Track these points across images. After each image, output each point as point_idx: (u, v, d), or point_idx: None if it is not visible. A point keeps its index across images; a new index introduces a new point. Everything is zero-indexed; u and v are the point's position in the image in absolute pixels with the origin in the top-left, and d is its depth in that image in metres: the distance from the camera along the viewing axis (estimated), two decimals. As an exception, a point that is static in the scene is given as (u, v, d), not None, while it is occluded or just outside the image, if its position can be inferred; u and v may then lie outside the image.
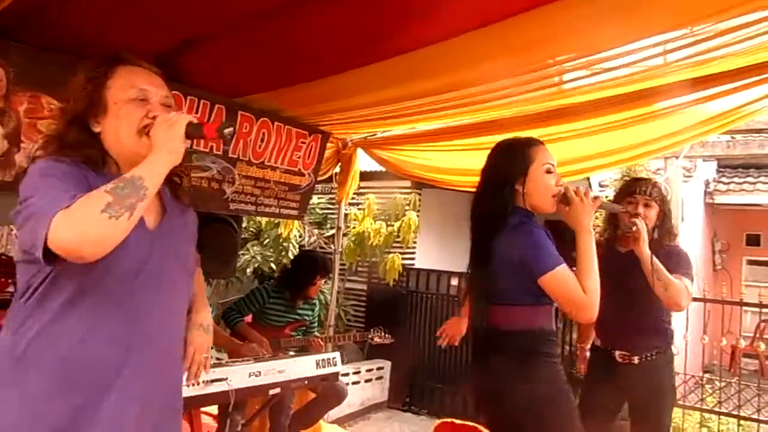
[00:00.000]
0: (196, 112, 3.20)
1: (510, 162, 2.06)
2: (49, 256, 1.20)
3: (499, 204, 2.02)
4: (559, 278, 1.89)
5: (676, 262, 2.69)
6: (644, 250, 2.55)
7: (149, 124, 1.41)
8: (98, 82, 1.45)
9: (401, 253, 6.31)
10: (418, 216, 6.41)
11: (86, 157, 1.40)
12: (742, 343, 5.52)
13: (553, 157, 2.07)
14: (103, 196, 1.21)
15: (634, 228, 2.57)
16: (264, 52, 2.62)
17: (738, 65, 2.31)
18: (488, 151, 2.18)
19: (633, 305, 2.72)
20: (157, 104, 1.47)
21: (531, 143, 2.09)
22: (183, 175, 1.59)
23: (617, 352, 2.78)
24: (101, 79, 1.46)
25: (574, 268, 1.95)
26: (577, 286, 1.88)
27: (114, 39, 2.84)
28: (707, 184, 9.05)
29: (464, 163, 3.71)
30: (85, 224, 1.19)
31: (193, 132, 1.41)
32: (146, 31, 2.70)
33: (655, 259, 2.52)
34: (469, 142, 3.51)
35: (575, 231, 1.99)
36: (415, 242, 6.52)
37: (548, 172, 2.03)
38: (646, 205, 2.73)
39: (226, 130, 1.42)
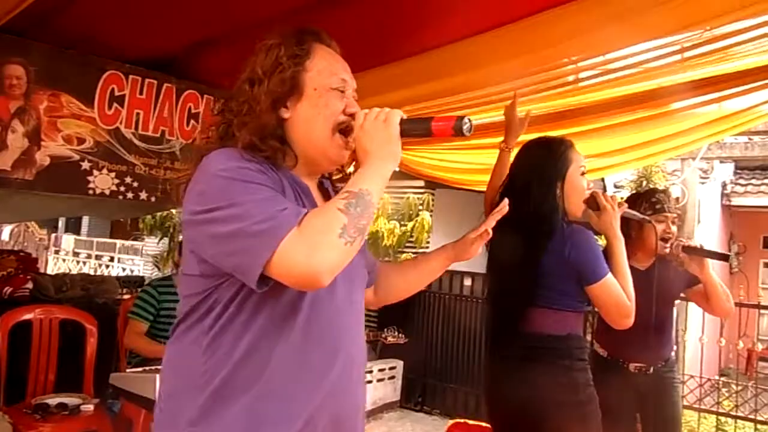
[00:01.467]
0: (213, 111, 3.24)
1: (552, 161, 2.00)
2: (263, 280, 1.02)
3: (549, 204, 1.95)
4: (610, 285, 1.89)
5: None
6: (711, 275, 2.56)
7: (346, 122, 1.20)
8: (298, 61, 1.20)
9: (414, 253, 6.32)
10: (431, 216, 6.41)
11: (274, 150, 1.16)
12: (759, 347, 5.47)
13: (582, 159, 2.04)
14: (338, 217, 1.01)
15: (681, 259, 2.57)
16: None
17: (755, 65, 2.29)
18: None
19: (652, 322, 2.59)
20: (351, 98, 1.24)
21: (568, 144, 2.04)
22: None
23: (632, 365, 2.74)
24: (302, 57, 1.21)
25: None
26: (623, 294, 1.89)
27: (132, 38, 2.89)
28: (724, 185, 8.95)
29: (478, 162, 3.71)
30: (323, 250, 0.99)
31: (413, 130, 1.15)
32: (164, 31, 2.74)
33: (716, 276, 2.58)
34: (483, 142, 3.51)
35: (606, 238, 1.98)
36: (428, 242, 6.52)
37: (583, 174, 2.01)
38: (673, 222, 2.66)
39: (465, 127, 1.13)
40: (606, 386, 2.80)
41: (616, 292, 1.89)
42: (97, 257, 13.66)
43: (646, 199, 2.68)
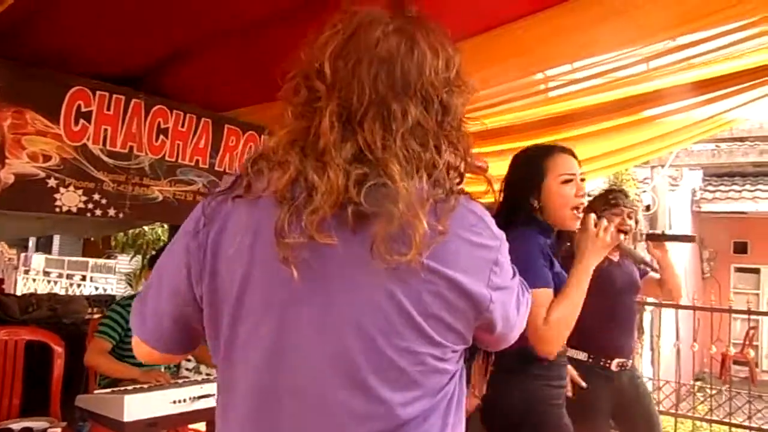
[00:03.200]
0: (182, 127, 3.20)
1: (524, 175, 1.91)
2: None
3: (523, 219, 1.84)
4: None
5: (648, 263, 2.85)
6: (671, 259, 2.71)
7: None
8: None
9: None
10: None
11: None
12: (732, 351, 5.53)
13: (576, 166, 1.90)
14: None
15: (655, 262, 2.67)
16: (250, 67, 2.63)
17: (720, 73, 2.34)
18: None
19: (625, 313, 2.82)
20: None
21: (548, 152, 1.92)
22: None
23: (615, 361, 2.78)
24: None
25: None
26: (540, 316, 1.69)
27: (100, 54, 2.85)
28: (694, 192, 9.13)
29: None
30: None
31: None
32: (132, 45, 2.70)
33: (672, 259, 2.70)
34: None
35: (576, 259, 1.81)
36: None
37: (565, 182, 1.86)
38: (629, 217, 2.76)
39: None
40: (592, 393, 2.86)
41: (533, 310, 1.75)
42: (69, 276, 13.38)
43: (603, 197, 2.82)
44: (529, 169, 1.91)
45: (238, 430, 0.92)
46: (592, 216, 1.84)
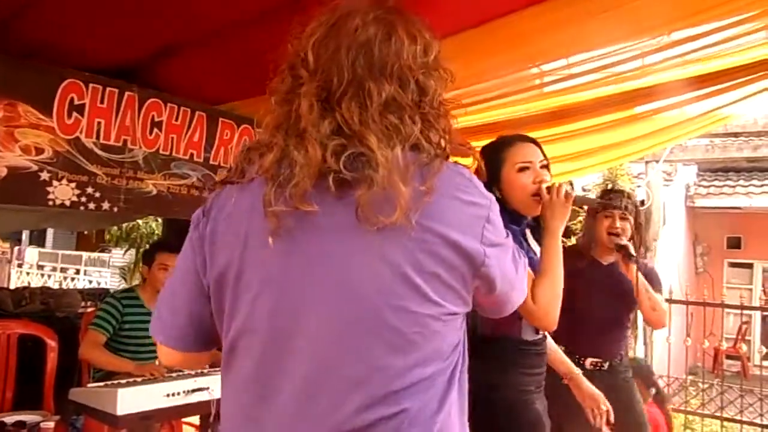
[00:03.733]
0: (176, 120, 3.18)
1: (486, 167, 1.99)
2: None
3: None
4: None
5: (656, 281, 2.84)
6: (635, 273, 2.58)
7: None
8: None
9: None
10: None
11: None
12: (725, 345, 5.57)
13: (534, 153, 1.91)
14: None
15: (621, 245, 2.61)
16: (243, 60, 2.60)
17: (715, 69, 2.34)
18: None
19: (610, 316, 2.79)
20: None
21: (505, 143, 1.95)
22: None
23: (589, 360, 2.79)
24: None
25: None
26: (528, 294, 1.71)
27: (92, 47, 2.83)
28: (688, 187, 9.15)
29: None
30: None
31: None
32: (125, 38, 2.68)
33: (644, 281, 2.62)
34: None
35: (544, 229, 1.84)
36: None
37: (521, 170, 1.87)
38: (622, 218, 2.75)
39: None
40: (563, 385, 2.88)
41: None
42: (63, 270, 13.34)
43: (599, 196, 2.91)
44: (489, 161, 1.92)
45: (242, 390, 0.94)
46: (543, 186, 1.85)
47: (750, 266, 10.18)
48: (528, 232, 1.97)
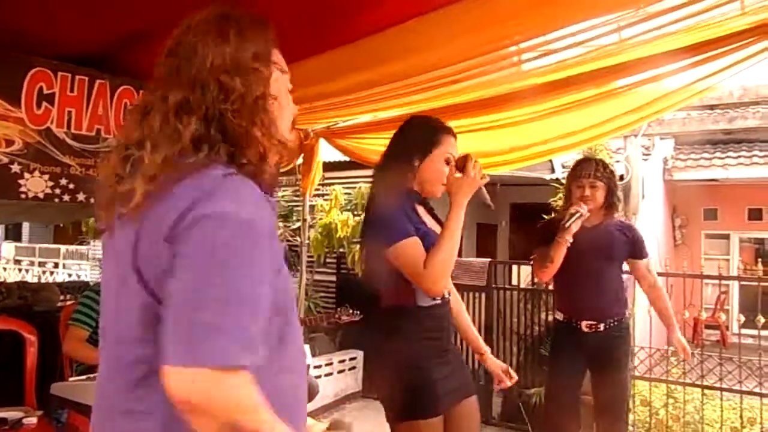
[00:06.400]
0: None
1: (417, 137, 2.06)
2: None
3: (393, 181, 2.01)
4: (401, 250, 1.87)
5: (640, 248, 3.09)
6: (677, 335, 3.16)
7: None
8: (275, 58, 1.14)
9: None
10: (384, 205, 6.38)
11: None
12: (704, 315, 5.67)
13: (456, 149, 2.07)
14: None
15: (573, 217, 2.81)
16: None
17: (691, 41, 2.34)
18: None
19: (599, 277, 2.96)
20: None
21: (445, 130, 2.08)
22: None
23: (584, 323, 2.93)
24: (274, 54, 1.14)
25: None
26: (419, 260, 1.85)
27: (59, 33, 2.74)
28: (665, 161, 9.25)
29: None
30: None
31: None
32: (93, 24, 2.60)
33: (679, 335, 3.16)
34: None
35: (452, 200, 1.97)
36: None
37: (447, 161, 2.03)
38: (593, 187, 2.95)
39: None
40: (560, 348, 3.03)
41: (410, 257, 1.87)
42: (41, 264, 13.14)
43: (571, 169, 3.09)
44: (424, 135, 2.06)
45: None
46: (473, 158, 1.98)
47: (727, 237, 10.36)
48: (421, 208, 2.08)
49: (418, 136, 2.06)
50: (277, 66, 1.13)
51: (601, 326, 2.90)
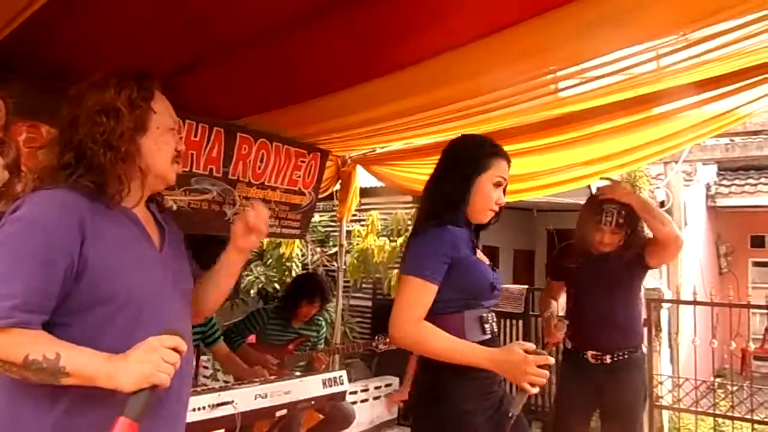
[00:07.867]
0: (195, 137, 3.22)
1: (467, 156, 1.99)
2: None
3: (457, 194, 1.92)
4: (402, 284, 1.81)
5: (644, 246, 2.90)
6: (635, 195, 2.78)
7: (180, 155, 1.50)
8: (147, 101, 1.43)
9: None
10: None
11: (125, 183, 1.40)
12: (752, 346, 5.47)
13: (507, 172, 2.00)
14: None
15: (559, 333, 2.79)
16: (260, 74, 2.64)
17: (732, 68, 2.32)
18: None
19: (607, 306, 2.83)
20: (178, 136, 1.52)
21: (497, 154, 1.99)
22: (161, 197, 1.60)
23: (590, 353, 2.85)
24: (149, 99, 1.44)
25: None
26: (411, 304, 1.76)
27: (110, 66, 2.87)
28: (708, 187, 9.03)
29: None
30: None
31: None
32: (142, 57, 2.72)
33: (645, 198, 2.82)
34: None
35: (490, 363, 1.77)
36: (418, 257, 6.47)
37: (497, 185, 1.95)
38: (612, 233, 2.82)
39: None
40: (569, 379, 2.93)
41: (408, 296, 1.78)
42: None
43: (596, 203, 2.88)
44: (473, 158, 1.98)
45: None
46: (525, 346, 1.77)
47: (775, 265, 10.00)
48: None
49: (468, 156, 1.98)
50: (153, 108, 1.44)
51: (608, 358, 2.80)
